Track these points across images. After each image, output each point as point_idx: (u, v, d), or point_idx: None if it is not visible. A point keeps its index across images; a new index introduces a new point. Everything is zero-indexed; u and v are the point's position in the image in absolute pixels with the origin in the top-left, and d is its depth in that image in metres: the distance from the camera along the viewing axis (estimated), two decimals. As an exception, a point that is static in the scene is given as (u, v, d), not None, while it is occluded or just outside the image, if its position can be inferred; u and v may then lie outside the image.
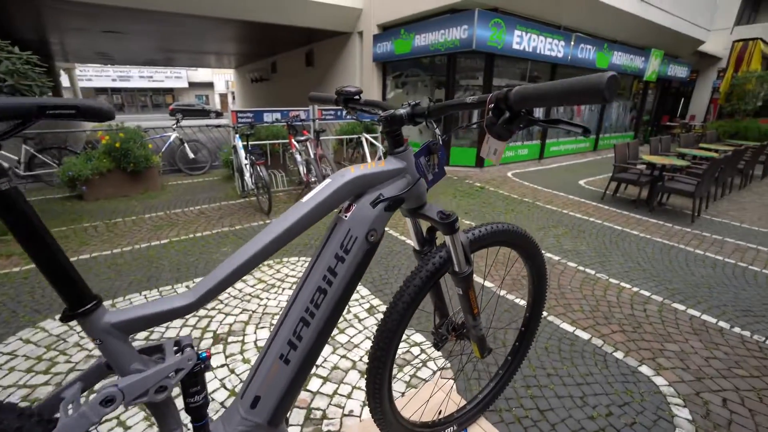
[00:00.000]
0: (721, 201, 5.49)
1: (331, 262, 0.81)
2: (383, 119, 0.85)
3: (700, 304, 2.64)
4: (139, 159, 4.76)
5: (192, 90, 37.90)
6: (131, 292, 2.60)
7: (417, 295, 0.95)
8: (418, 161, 0.91)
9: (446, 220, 0.90)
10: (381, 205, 0.83)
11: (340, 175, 0.81)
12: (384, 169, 0.84)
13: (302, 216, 0.75)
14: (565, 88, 0.59)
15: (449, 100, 0.81)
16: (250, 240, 0.73)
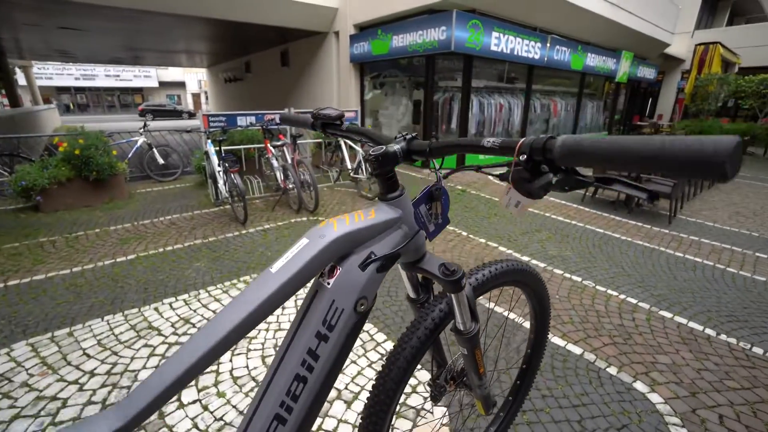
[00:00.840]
0: (693, 201, 5.66)
1: (311, 342, 0.64)
2: (373, 159, 0.69)
3: (686, 311, 2.65)
4: (103, 166, 4.43)
5: (163, 89, 36.46)
6: (92, 318, 2.36)
7: (414, 357, 0.81)
8: (417, 211, 0.77)
9: (451, 277, 0.76)
10: (373, 266, 0.68)
11: (318, 233, 0.64)
12: (375, 221, 0.69)
13: (271, 294, 0.58)
14: (653, 151, 0.41)
15: (459, 139, 0.67)
16: (201, 329, 0.55)
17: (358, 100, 8.40)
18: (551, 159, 0.51)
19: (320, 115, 0.89)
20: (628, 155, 0.43)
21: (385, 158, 0.69)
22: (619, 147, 0.43)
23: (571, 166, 0.51)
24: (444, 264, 0.78)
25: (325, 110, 0.89)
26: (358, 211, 0.70)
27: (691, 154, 0.39)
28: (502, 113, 7.60)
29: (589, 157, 0.47)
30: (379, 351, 2.14)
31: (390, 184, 0.73)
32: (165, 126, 20.94)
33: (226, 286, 2.79)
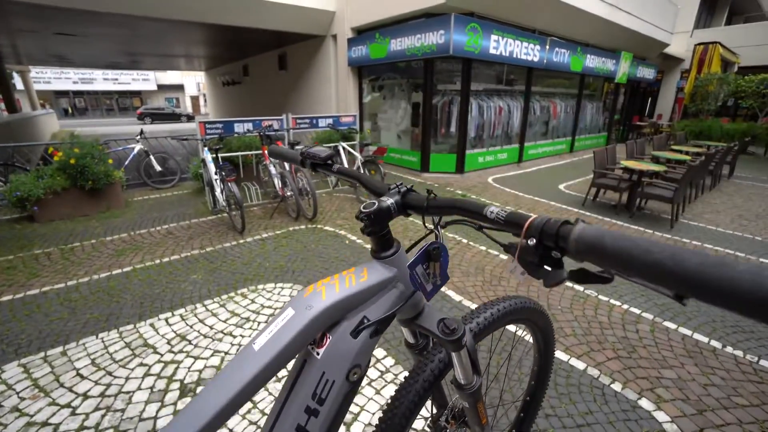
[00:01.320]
0: (695, 203, 5.61)
1: (300, 418, 0.59)
2: (366, 218, 0.63)
3: (690, 321, 2.61)
4: (99, 176, 4.38)
5: (161, 92, 36.41)
6: (86, 335, 2.32)
7: (413, 411, 0.77)
8: (414, 273, 0.71)
9: (451, 336, 0.70)
10: (366, 331, 0.63)
11: (305, 304, 0.59)
12: (367, 284, 0.64)
13: (254, 376, 0.53)
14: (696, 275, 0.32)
15: (459, 200, 0.61)
16: (178, 416, 0.50)
17: (357, 104, 8.36)
18: (566, 249, 0.45)
19: (309, 154, 0.84)
20: (662, 271, 0.35)
21: (378, 216, 0.64)
22: (652, 260, 0.36)
23: (590, 261, 0.43)
24: (444, 321, 0.73)
25: (314, 149, 0.85)
26: (349, 272, 0.65)
27: (751, 287, 0.29)
28: (502, 116, 7.56)
29: (612, 259, 0.39)
30: (379, 368, 2.09)
31: (384, 241, 0.68)
32: (163, 130, 20.93)
33: (223, 299, 2.75)
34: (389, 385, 1.97)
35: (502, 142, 7.92)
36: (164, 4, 6.50)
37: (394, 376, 2.03)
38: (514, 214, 0.53)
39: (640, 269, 0.37)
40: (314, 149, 0.84)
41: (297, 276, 3.11)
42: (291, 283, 3.00)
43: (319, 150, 0.83)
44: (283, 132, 5.33)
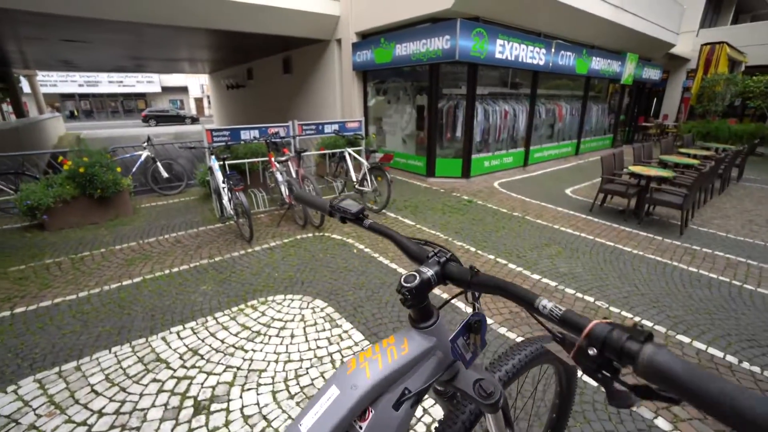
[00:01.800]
0: (704, 208, 5.57)
1: None
2: (407, 293, 0.62)
3: (705, 335, 2.58)
4: (107, 184, 4.41)
5: (165, 94, 36.64)
6: (99, 350, 2.33)
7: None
8: (455, 346, 0.71)
9: (488, 400, 0.70)
10: (407, 403, 0.63)
11: (349, 383, 0.59)
12: (409, 356, 0.64)
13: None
14: None
15: (507, 283, 0.59)
16: None
17: (362, 108, 8.36)
18: (629, 364, 0.43)
19: (339, 208, 0.83)
20: (741, 418, 0.34)
21: (419, 290, 0.62)
22: (730, 405, 0.34)
23: (658, 385, 0.41)
24: (480, 384, 0.72)
25: (344, 203, 0.84)
26: (390, 344, 0.65)
27: None
28: (507, 120, 7.53)
29: (683, 391, 0.38)
30: (391, 384, 2.09)
31: (424, 312, 0.67)
32: (168, 132, 21.02)
33: (234, 311, 2.76)
34: (402, 402, 1.96)
35: (507, 146, 7.89)
36: (169, 11, 6.54)
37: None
38: (571, 315, 0.51)
39: (712, 407, 0.36)
40: (344, 203, 0.83)
41: (306, 287, 3.11)
42: (300, 294, 3.00)
43: (349, 205, 0.83)
44: (290, 139, 5.34)
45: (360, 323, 2.64)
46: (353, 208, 0.82)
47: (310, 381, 2.10)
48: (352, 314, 2.74)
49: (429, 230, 4.45)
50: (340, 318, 2.70)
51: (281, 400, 1.96)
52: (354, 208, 0.82)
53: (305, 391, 2.02)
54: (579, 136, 9.88)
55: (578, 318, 0.50)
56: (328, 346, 2.40)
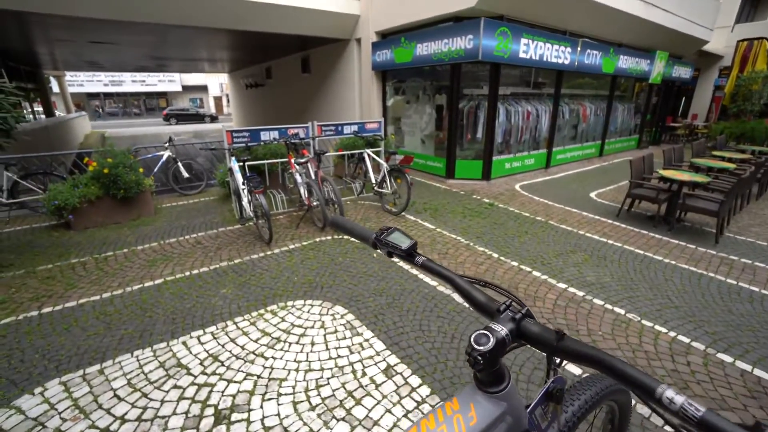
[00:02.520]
0: (740, 215, 5.28)
1: None
2: (480, 357, 0.53)
3: (749, 354, 2.42)
4: (130, 184, 4.48)
5: (186, 93, 37.46)
6: (122, 353, 2.34)
7: None
8: (532, 417, 0.63)
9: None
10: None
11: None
12: (477, 427, 0.56)
13: None
14: None
15: (608, 360, 0.50)
16: None
17: (381, 109, 8.30)
18: None
19: (386, 242, 0.75)
20: None
21: (493, 354, 0.54)
22: None
23: None
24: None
25: (392, 237, 0.75)
26: (454, 411, 0.57)
27: None
28: (530, 120, 7.33)
29: None
30: (415, 398, 2.02)
31: (496, 375, 0.59)
32: (187, 131, 21.46)
33: (254, 316, 2.74)
34: (426, 418, 1.89)
35: (529, 148, 7.69)
36: (193, 13, 6.62)
37: (431, 408, 1.95)
38: (716, 420, 0.42)
39: None
40: (393, 237, 0.75)
41: (326, 292, 3.07)
42: (320, 300, 2.96)
43: (398, 238, 0.74)
44: (309, 140, 5.32)
45: (381, 332, 2.58)
46: (403, 243, 0.73)
47: (331, 392, 2.05)
48: (373, 322, 2.69)
49: (450, 234, 4.35)
50: (361, 326, 2.64)
51: (302, 411, 1.92)
52: (404, 243, 0.73)
53: (326, 403, 1.97)
54: (603, 137, 9.57)
55: (725, 424, 0.41)
56: (349, 355, 2.35)
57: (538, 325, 0.57)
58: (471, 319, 2.71)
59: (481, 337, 0.54)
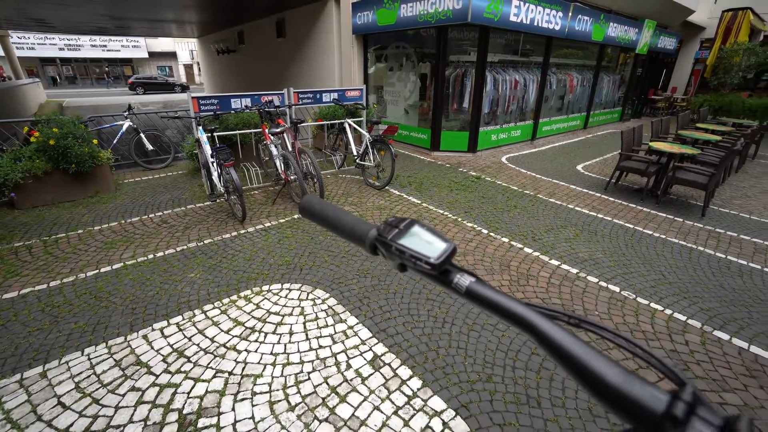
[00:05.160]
0: (723, 187, 5.28)
1: None
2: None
3: (744, 330, 2.35)
4: (83, 157, 4.00)
5: (153, 60, 34.90)
6: (70, 351, 2.05)
7: None
8: None
9: None
10: None
11: None
12: None
13: None
14: None
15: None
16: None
17: (362, 76, 7.81)
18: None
19: (401, 249, 0.40)
20: None
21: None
22: None
23: None
24: None
25: (410, 233, 0.41)
26: None
27: None
28: (517, 90, 7.05)
29: None
30: (405, 392, 1.84)
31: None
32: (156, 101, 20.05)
33: (225, 304, 2.47)
34: (419, 413, 1.73)
35: (516, 119, 7.45)
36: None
37: (424, 402, 1.78)
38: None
39: None
40: (409, 237, 0.41)
41: (305, 275, 2.82)
42: (299, 283, 2.71)
43: (420, 240, 0.40)
44: (285, 108, 4.88)
45: (366, 318, 2.37)
46: (431, 250, 0.39)
47: (312, 389, 1.84)
48: (358, 307, 2.47)
49: (436, 209, 4.13)
50: (344, 311, 2.43)
51: (280, 413, 1.71)
52: (432, 250, 0.39)
53: (307, 402, 1.77)
54: (589, 109, 9.42)
55: None
56: (332, 345, 2.14)
57: None
58: (462, 300, 2.54)
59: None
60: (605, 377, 0.29)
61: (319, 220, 0.51)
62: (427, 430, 1.65)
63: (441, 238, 0.40)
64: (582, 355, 0.30)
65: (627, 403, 0.27)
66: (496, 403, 1.80)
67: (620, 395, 0.28)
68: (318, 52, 8.70)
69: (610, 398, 0.28)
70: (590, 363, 0.30)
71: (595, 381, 0.29)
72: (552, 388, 1.90)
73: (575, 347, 0.31)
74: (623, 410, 0.28)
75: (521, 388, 1.89)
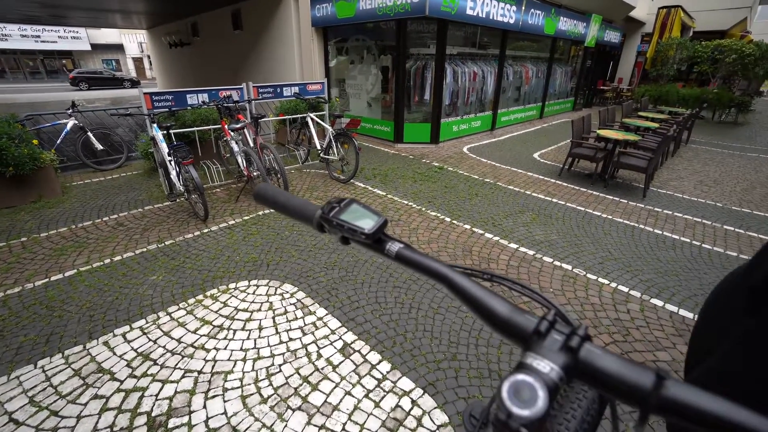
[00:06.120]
0: (661, 170, 5.77)
1: None
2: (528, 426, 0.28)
3: (675, 297, 2.64)
4: (21, 159, 3.71)
5: (97, 54, 32.37)
6: (20, 365, 1.94)
7: None
8: None
9: None
10: None
11: None
12: None
13: None
14: None
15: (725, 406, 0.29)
16: None
17: (323, 70, 7.72)
18: None
19: (338, 223, 0.49)
20: None
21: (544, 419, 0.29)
22: None
23: None
24: None
25: (349, 210, 0.49)
26: None
27: None
28: (476, 81, 7.27)
29: None
30: (375, 375, 1.92)
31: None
32: (103, 97, 18.70)
33: (190, 304, 2.43)
34: (389, 394, 1.81)
35: (475, 110, 7.69)
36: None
37: (393, 384, 1.87)
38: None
39: None
40: (348, 213, 0.48)
41: (272, 270, 2.82)
42: (267, 279, 2.71)
43: (358, 216, 0.48)
44: (244, 103, 4.77)
45: (335, 308, 2.42)
46: (366, 223, 0.47)
47: (284, 380, 1.88)
48: (326, 298, 2.52)
49: (401, 200, 4.23)
50: (313, 303, 2.46)
51: (253, 405, 1.73)
52: (367, 223, 0.47)
53: (279, 393, 1.80)
54: (544, 99, 9.88)
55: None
56: (302, 336, 2.17)
57: (612, 355, 0.33)
58: (428, 286, 2.65)
59: (523, 389, 0.29)
60: (496, 310, 0.38)
61: (272, 205, 0.56)
62: (397, 409, 1.74)
63: (374, 213, 0.48)
64: (481, 296, 0.40)
65: (511, 327, 0.37)
66: (461, 378, 1.92)
67: (507, 322, 0.37)
68: (277, 46, 8.49)
69: (500, 325, 0.38)
70: (486, 302, 0.39)
71: (489, 314, 0.39)
72: (511, 361, 2.05)
73: (476, 290, 0.41)
74: (508, 333, 0.37)
75: (484, 363, 2.02)
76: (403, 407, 1.75)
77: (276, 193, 0.58)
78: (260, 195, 0.58)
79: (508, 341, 0.38)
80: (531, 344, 0.34)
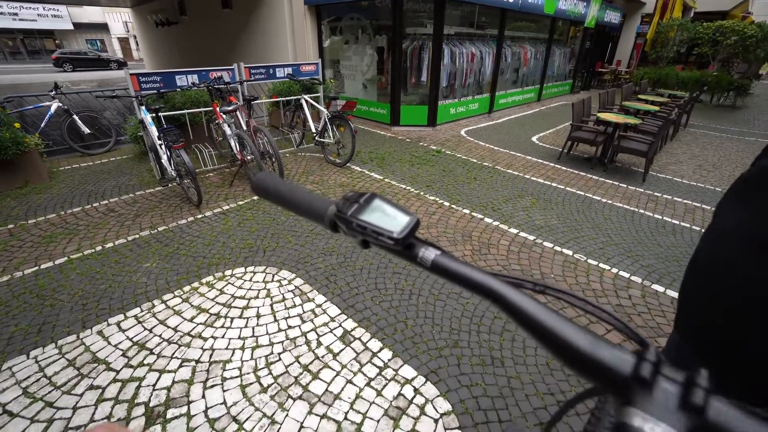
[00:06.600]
0: (660, 154, 5.73)
1: None
2: None
3: (676, 282, 2.63)
4: (4, 143, 3.56)
5: (80, 33, 31.22)
6: (12, 356, 1.89)
7: None
8: None
9: None
10: None
11: None
12: None
13: None
14: None
15: None
16: None
17: (317, 50, 7.48)
18: None
19: (362, 225, 0.40)
20: None
21: None
22: None
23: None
24: None
25: (370, 208, 0.40)
26: None
27: None
28: (474, 63, 7.10)
29: None
30: (377, 363, 1.89)
31: None
32: (89, 79, 18.10)
33: (186, 292, 2.37)
34: (391, 382, 1.79)
35: (473, 92, 7.54)
36: None
37: (395, 372, 1.85)
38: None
39: None
40: (369, 212, 0.40)
41: (269, 256, 2.76)
42: (264, 266, 2.66)
43: (382, 214, 0.39)
44: (236, 85, 4.60)
45: (334, 295, 2.38)
46: (393, 226, 0.38)
47: (283, 368, 1.84)
48: (325, 285, 2.47)
49: (399, 184, 4.16)
50: (312, 290, 2.42)
51: (253, 395, 1.70)
52: (395, 224, 0.38)
53: (279, 382, 1.77)
54: (542, 82, 9.72)
55: None
56: (301, 324, 2.14)
57: (750, 414, 0.25)
58: (427, 272, 2.61)
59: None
60: (573, 343, 0.30)
61: (273, 199, 0.48)
62: (400, 397, 1.72)
63: (403, 212, 0.40)
64: (549, 322, 0.31)
65: (595, 367, 0.29)
66: (464, 366, 1.90)
67: (588, 360, 0.29)
68: (269, 25, 8.18)
69: (579, 363, 0.29)
70: (558, 330, 0.31)
71: (563, 347, 0.30)
72: (514, 348, 2.03)
73: (543, 315, 0.32)
74: (592, 374, 0.29)
75: (486, 350, 2.01)
76: (406, 395, 1.73)
77: (277, 183, 0.49)
78: (259, 186, 0.49)
79: (593, 383, 0.29)
80: (632, 396, 0.27)
